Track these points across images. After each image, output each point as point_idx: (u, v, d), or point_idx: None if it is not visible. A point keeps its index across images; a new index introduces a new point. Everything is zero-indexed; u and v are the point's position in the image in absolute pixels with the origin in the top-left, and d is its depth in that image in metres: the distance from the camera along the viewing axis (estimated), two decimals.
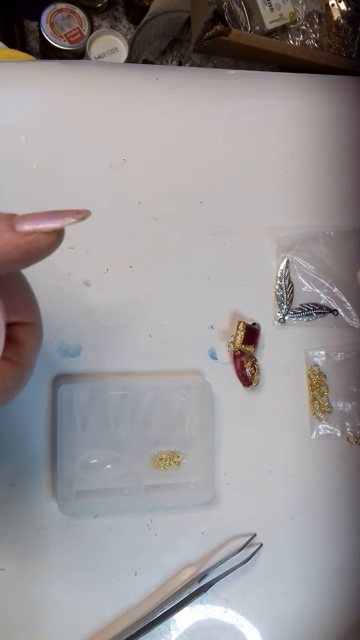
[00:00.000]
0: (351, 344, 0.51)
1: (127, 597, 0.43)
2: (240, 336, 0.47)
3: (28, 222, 0.22)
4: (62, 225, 0.22)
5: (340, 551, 0.47)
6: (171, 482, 0.44)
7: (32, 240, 0.22)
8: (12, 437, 0.43)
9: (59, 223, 0.22)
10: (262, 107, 0.53)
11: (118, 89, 0.51)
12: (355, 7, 0.70)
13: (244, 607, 0.44)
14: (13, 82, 0.48)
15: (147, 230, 0.48)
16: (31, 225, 0.22)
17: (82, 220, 0.23)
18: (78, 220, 0.23)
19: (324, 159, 0.53)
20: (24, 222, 0.22)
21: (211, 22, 0.65)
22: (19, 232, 0.22)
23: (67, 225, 0.23)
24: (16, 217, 0.23)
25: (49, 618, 0.41)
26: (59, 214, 0.23)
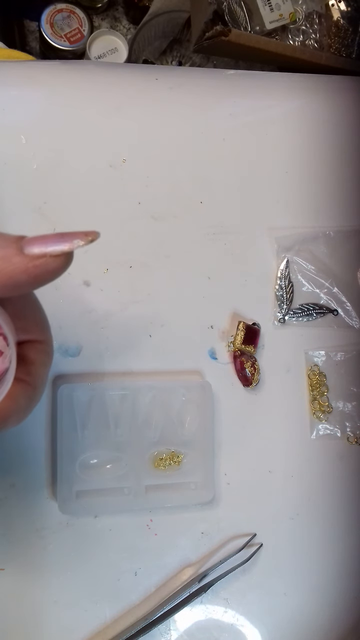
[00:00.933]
0: (351, 344, 0.51)
1: (127, 597, 0.43)
2: (240, 336, 0.47)
3: (37, 245, 0.22)
4: (70, 248, 0.22)
5: (340, 551, 0.47)
6: (171, 482, 0.44)
7: (41, 264, 0.22)
8: (12, 437, 0.43)
9: (67, 246, 0.22)
10: (262, 107, 0.53)
11: (118, 89, 0.50)
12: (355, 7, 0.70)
13: (244, 607, 0.44)
14: (13, 82, 0.48)
15: (147, 230, 0.48)
16: (40, 249, 0.22)
17: (90, 242, 0.22)
18: (86, 243, 0.22)
19: (324, 159, 0.53)
20: (33, 245, 0.22)
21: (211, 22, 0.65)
22: (28, 255, 0.22)
23: (76, 248, 0.22)
24: (24, 239, 0.22)
25: (49, 618, 0.41)
26: (68, 237, 0.22)
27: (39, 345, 0.28)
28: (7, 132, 0.47)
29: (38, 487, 0.43)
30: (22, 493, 0.42)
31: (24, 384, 0.26)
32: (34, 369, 0.27)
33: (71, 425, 0.42)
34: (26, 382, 0.26)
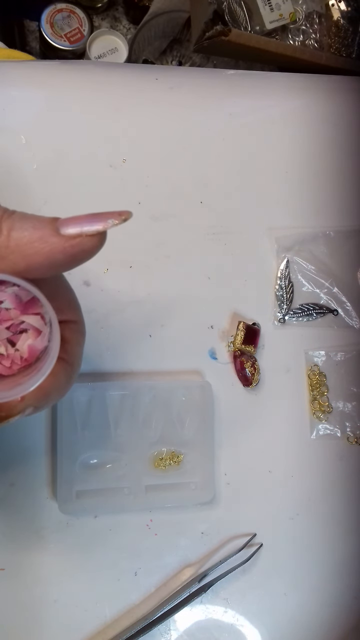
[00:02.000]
0: (351, 344, 0.51)
1: (127, 597, 0.43)
2: (240, 336, 0.47)
3: (72, 226, 0.23)
4: (105, 227, 0.23)
5: (340, 551, 0.47)
6: (171, 482, 0.44)
7: (77, 244, 0.23)
8: (12, 437, 0.43)
9: (102, 226, 0.23)
10: (262, 107, 0.53)
11: (118, 89, 0.50)
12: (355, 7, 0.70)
13: (244, 607, 0.44)
14: (13, 82, 0.48)
15: (147, 230, 0.48)
16: (75, 229, 0.23)
17: (124, 221, 0.23)
18: (120, 222, 0.23)
19: (323, 159, 0.53)
20: (68, 226, 0.23)
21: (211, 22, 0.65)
22: (64, 235, 0.22)
23: (110, 227, 0.23)
24: (59, 220, 0.23)
25: (49, 618, 0.41)
26: (102, 216, 0.23)
27: (72, 325, 0.28)
28: (7, 132, 0.47)
29: (38, 487, 0.43)
30: (22, 493, 0.42)
31: (62, 361, 0.27)
32: (70, 347, 0.27)
33: (71, 425, 0.42)
34: (64, 360, 0.27)
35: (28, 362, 0.26)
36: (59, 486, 0.42)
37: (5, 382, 0.26)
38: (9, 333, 0.26)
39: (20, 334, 0.26)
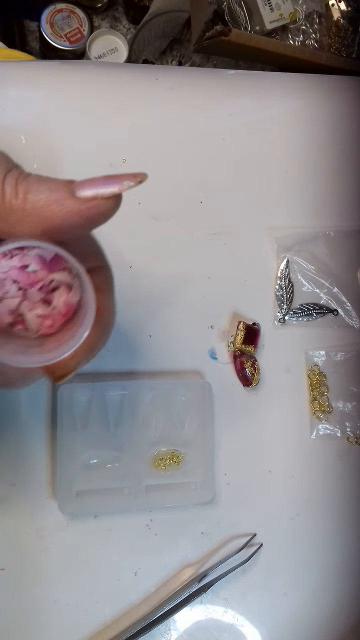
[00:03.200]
0: (351, 344, 0.51)
1: (127, 597, 0.43)
2: (240, 336, 0.47)
3: (87, 188, 0.23)
4: (120, 189, 0.23)
5: (340, 551, 0.47)
6: (171, 482, 0.44)
7: (93, 206, 0.23)
8: (12, 437, 0.43)
9: (117, 187, 0.23)
10: (262, 107, 0.53)
11: (118, 89, 0.50)
12: (355, 7, 0.70)
13: (244, 607, 0.44)
14: (13, 82, 0.48)
15: (147, 230, 0.48)
16: (91, 191, 0.23)
17: (139, 184, 0.23)
18: (136, 184, 0.23)
19: (324, 159, 0.53)
20: (84, 188, 0.22)
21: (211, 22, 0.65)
22: (79, 198, 0.22)
23: (126, 189, 0.23)
24: (75, 183, 0.23)
25: (49, 618, 0.41)
26: (117, 178, 0.23)
27: (100, 271, 0.28)
28: (7, 132, 0.47)
29: (38, 487, 0.43)
30: (22, 493, 0.42)
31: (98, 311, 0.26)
32: (102, 294, 0.27)
33: (71, 425, 0.42)
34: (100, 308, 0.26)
35: (67, 317, 0.26)
36: (59, 486, 0.42)
37: (52, 342, 0.26)
38: (42, 294, 0.26)
39: (53, 293, 0.26)
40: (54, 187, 0.23)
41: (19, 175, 0.23)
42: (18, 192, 0.22)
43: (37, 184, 0.23)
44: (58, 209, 0.22)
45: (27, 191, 0.22)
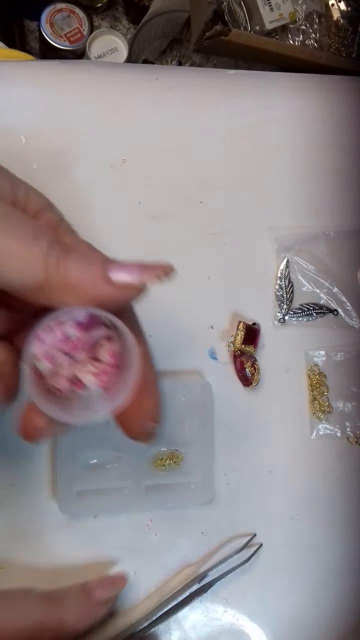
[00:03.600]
0: (351, 344, 0.51)
1: (127, 597, 0.43)
2: (240, 336, 0.47)
3: (121, 273, 0.25)
4: (150, 282, 0.25)
5: (340, 551, 0.47)
6: (171, 482, 0.44)
7: (123, 292, 0.25)
8: (12, 437, 0.43)
9: (148, 280, 0.25)
10: (262, 107, 0.53)
11: (118, 89, 0.50)
12: (355, 7, 0.70)
13: (244, 607, 0.44)
14: (13, 82, 0.48)
15: (147, 230, 0.48)
16: (124, 278, 0.25)
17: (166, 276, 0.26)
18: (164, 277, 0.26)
19: (324, 159, 0.53)
20: (118, 274, 0.25)
21: (211, 22, 0.65)
22: (113, 283, 0.25)
23: (156, 281, 0.26)
24: (110, 265, 0.25)
25: None
26: (150, 271, 0.25)
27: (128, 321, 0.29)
28: (7, 132, 0.47)
29: (38, 487, 0.43)
30: (22, 493, 0.42)
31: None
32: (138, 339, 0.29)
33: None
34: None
35: (117, 367, 0.28)
36: (59, 486, 0.42)
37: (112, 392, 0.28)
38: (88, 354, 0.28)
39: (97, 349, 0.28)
40: (91, 269, 0.24)
41: (60, 250, 0.24)
42: (59, 269, 0.24)
43: (76, 262, 0.24)
44: (92, 290, 0.24)
45: (67, 269, 0.24)
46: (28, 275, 0.24)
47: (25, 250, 0.24)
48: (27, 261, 0.24)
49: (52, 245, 0.24)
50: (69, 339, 0.27)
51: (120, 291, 0.25)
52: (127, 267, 0.25)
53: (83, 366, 0.27)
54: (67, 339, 0.27)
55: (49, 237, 0.25)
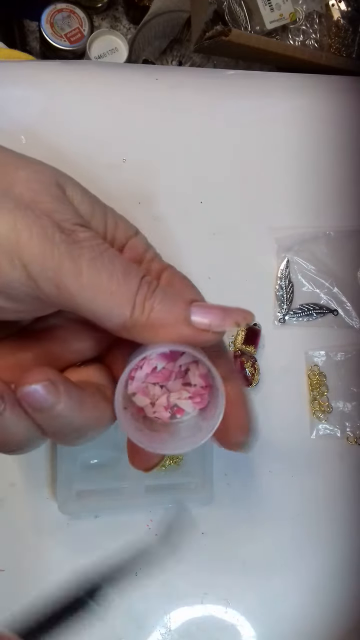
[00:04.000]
0: (351, 344, 0.51)
1: (127, 598, 0.43)
2: (241, 336, 0.47)
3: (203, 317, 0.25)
4: (230, 328, 0.25)
5: (340, 551, 0.47)
6: (171, 482, 0.44)
7: (203, 336, 0.25)
8: None
9: (228, 326, 0.25)
10: (262, 107, 0.53)
11: (118, 89, 0.51)
12: (356, 7, 0.70)
13: (245, 607, 0.44)
14: (13, 82, 0.48)
15: (147, 230, 0.48)
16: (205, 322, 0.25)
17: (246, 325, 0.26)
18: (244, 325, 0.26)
19: (324, 159, 0.53)
20: (200, 318, 0.25)
21: (211, 22, 0.65)
22: (193, 327, 0.25)
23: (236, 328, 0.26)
24: (192, 307, 0.25)
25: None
26: (232, 316, 0.25)
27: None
28: (7, 132, 0.47)
29: (38, 487, 0.43)
30: (22, 493, 0.42)
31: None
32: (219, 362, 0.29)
33: None
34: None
35: (209, 386, 0.29)
36: (59, 486, 0.42)
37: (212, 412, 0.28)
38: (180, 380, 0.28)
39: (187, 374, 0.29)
40: (174, 309, 0.25)
41: (147, 288, 0.25)
42: (145, 309, 0.25)
43: (161, 302, 0.25)
44: (174, 332, 0.25)
45: (152, 309, 0.25)
46: (115, 313, 0.24)
47: (114, 289, 0.24)
48: (116, 300, 0.24)
49: (140, 285, 0.25)
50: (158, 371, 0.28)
51: (199, 334, 0.25)
52: (210, 311, 0.25)
53: (178, 393, 0.28)
54: (156, 372, 0.28)
55: (138, 275, 0.25)
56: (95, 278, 0.24)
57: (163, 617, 0.43)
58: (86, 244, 0.24)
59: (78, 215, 0.26)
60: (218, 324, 0.25)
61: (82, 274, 0.23)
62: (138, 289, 0.25)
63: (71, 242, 0.24)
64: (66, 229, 0.24)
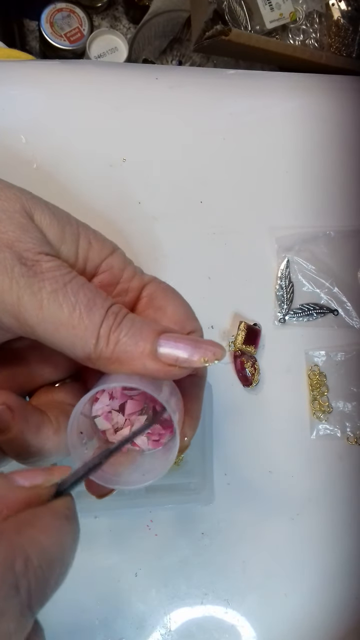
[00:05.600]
0: (351, 344, 0.51)
1: (127, 598, 0.43)
2: (241, 336, 0.47)
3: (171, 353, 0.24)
4: (197, 365, 0.24)
5: (340, 551, 0.47)
6: (171, 482, 0.44)
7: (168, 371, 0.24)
8: None
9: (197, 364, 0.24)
10: (262, 107, 0.53)
11: (118, 88, 0.50)
12: (356, 7, 0.70)
13: (245, 607, 0.44)
14: (13, 82, 0.48)
15: (147, 230, 0.48)
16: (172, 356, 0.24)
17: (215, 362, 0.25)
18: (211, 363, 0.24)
19: (324, 159, 0.53)
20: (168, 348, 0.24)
21: (211, 22, 0.65)
22: (159, 361, 0.24)
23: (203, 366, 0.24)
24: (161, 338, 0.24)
25: (49, 619, 0.41)
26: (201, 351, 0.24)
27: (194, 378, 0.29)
28: (7, 132, 0.47)
29: None
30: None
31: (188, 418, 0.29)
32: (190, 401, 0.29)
33: None
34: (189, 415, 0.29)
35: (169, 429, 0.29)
36: None
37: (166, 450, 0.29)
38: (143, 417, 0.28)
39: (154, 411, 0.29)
40: (140, 342, 0.24)
41: (113, 320, 0.24)
42: (109, 341, 0.24)
43: (127, 335, 0.24)
44: (138, 364, 0.24)
45: (117, 342, 0.24)
46: (79, 346, 0.24)
47: (76, 323, 0.24)
48: (78, 334, 0.24)
49: (105, 316, 0.24)
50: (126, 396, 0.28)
51: (164, 369, 0.24)
52: (179, 343, 0.24)
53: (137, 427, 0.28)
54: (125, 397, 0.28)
55: (104, 305, 0.25)
56: (55, 311, 0.23)
57: (163, 617, 0.43)
58: (48, 275, 0.24)
59: (44, 242, 0.25)
60: (185, 359, 0.24)
61: (42, 307, 0.23)
62: (103, 321, 0.24)
63: (32, 274, 0.23)
64: (29, 260, 0.24)
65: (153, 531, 0.44)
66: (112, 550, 0.43)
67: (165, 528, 0.44)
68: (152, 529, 0.44)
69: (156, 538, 0.44)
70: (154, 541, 0.44)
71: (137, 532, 0.44)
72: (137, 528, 0.44)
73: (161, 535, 0.44)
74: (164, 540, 0.44)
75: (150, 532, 0.44)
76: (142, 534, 0.44)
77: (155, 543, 0.44)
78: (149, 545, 0.44)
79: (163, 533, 0.44)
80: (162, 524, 0.44)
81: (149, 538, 0.44)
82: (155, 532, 0.44)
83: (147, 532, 0.44)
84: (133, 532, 0.44)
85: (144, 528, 0.44)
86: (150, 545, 0.44)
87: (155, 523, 0.44)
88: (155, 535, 0.44)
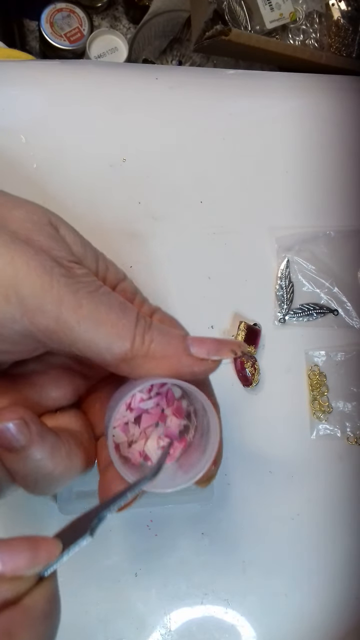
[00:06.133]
0: (351, 344, 0.51)
1: (127, 598, 0.43)
2: (241, 336, 0.47)
3: (201, 348, 0.26)
4: (226, 357, 0.26)
5: (340, 551, 0.47)
6: None
7: (201, 364, 0.26)
8: None
9: (225, 355, 0.26)
10: (262, 107, 0.53)
11: (118, 88, 0.50)
12: (356, 7, 0.70)
13: (245, 607, 0.44)
14: (13, 82, 0.48)
15: (147, 230, 0.48)
16: (203, 353, 0.26)
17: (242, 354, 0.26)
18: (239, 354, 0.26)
19: (324, 159, 0.53)
20: (199, 348, 0.26)
21: (211, 22, 0.65)
22: (193, 356, 0.25)
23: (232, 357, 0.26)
24: (189, 340, 0.26)
25: None
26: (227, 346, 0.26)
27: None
28: (7, 132, 0.47)
29: None
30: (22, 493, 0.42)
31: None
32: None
33: None
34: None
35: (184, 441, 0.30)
36: None
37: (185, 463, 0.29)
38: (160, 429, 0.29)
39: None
40: (173, 341, 0.26)
41: (145, 323, 0.26)
42: (145, 341, 0.25)
43: (160, 335, 0.25)
44: (175, 362, 0.25)
45: (152, 341, 0.25)
46: (117, 345, 0.24)
47: (115, 321, 0.24)
48: (117, 332, 0.24)
49: (138, 318, 0.25)
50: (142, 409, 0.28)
51: (199, 363, 0.25)
52: (205, 342, 0.26)
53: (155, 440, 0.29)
54: (140, 410, 0.28)
55: (134, 309, 0.26)
56: (94, 311, 0.24)
57: (163, 617, 0.43)
58: (83, 279, 0.25)
59: (72, 253, 0.26)
60: (215, 353, 0.26)
61: (82, 306, 0.24)
62: (137, 322, 0.25)
63: (70, 275, 0.24)
64: (64, 265, 0.24)
65: (153, 531, 0.44)
66: (112, 550, 0.43)
67: (165, 528, 0.44)
68: (152, 529, 0.44)
69: (156, 538, 0.44)
70: (154, 541, 0.44)
71: (137, 532, 0.44)
72: (137, 528, 0.44)
73: (161, 535, 0.44)
74: (164, 540, 0.44)
75: (150, 532, 0.44)
76: (142, 534, 0.44)
77: (155, 543, 0.44)
78: (149, 545, 0.44)
79: (163, 533, 0.44)
80: (162, 524, 0.44)
81: (149, 538, 0.44)
82: (155, 532, 0.44)
83: (147, 532, 0.44)
84: (133, 532, 0.44)
85: (144, 528, 0.44)
86: (150, 545, 0.44)
87: (155, 523, 0.44)
88: (155, 535, 0.44)
